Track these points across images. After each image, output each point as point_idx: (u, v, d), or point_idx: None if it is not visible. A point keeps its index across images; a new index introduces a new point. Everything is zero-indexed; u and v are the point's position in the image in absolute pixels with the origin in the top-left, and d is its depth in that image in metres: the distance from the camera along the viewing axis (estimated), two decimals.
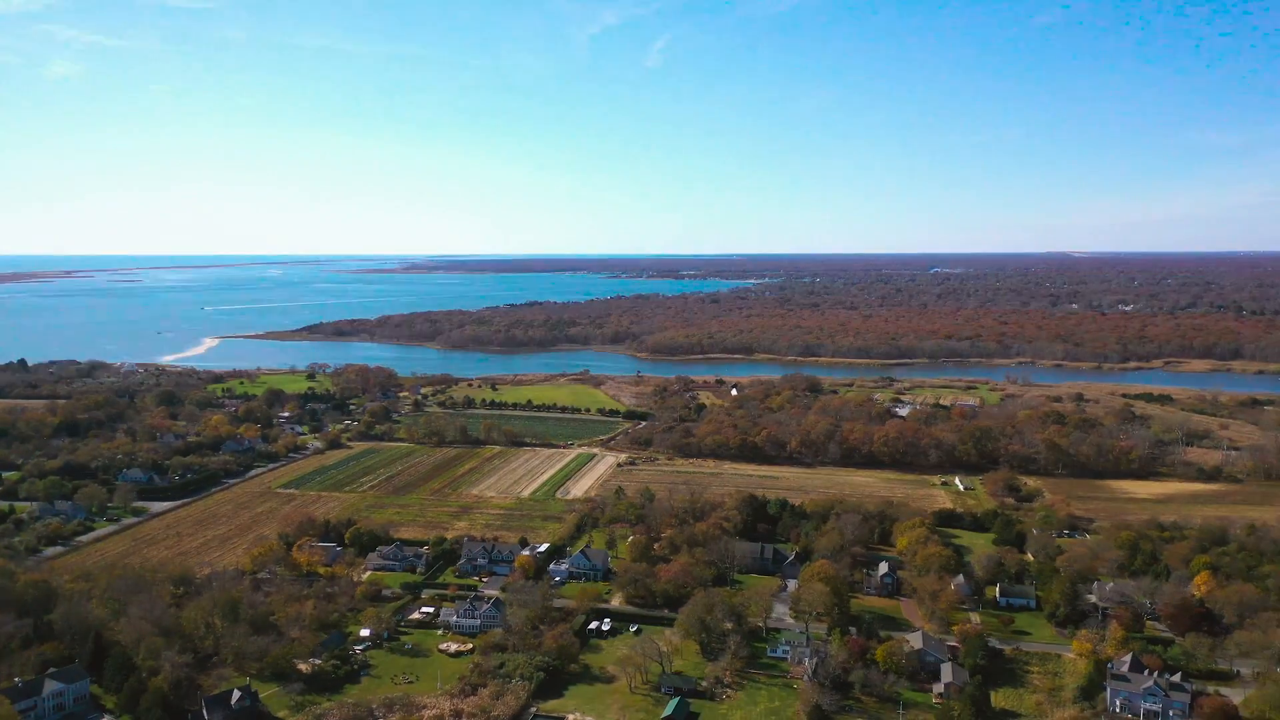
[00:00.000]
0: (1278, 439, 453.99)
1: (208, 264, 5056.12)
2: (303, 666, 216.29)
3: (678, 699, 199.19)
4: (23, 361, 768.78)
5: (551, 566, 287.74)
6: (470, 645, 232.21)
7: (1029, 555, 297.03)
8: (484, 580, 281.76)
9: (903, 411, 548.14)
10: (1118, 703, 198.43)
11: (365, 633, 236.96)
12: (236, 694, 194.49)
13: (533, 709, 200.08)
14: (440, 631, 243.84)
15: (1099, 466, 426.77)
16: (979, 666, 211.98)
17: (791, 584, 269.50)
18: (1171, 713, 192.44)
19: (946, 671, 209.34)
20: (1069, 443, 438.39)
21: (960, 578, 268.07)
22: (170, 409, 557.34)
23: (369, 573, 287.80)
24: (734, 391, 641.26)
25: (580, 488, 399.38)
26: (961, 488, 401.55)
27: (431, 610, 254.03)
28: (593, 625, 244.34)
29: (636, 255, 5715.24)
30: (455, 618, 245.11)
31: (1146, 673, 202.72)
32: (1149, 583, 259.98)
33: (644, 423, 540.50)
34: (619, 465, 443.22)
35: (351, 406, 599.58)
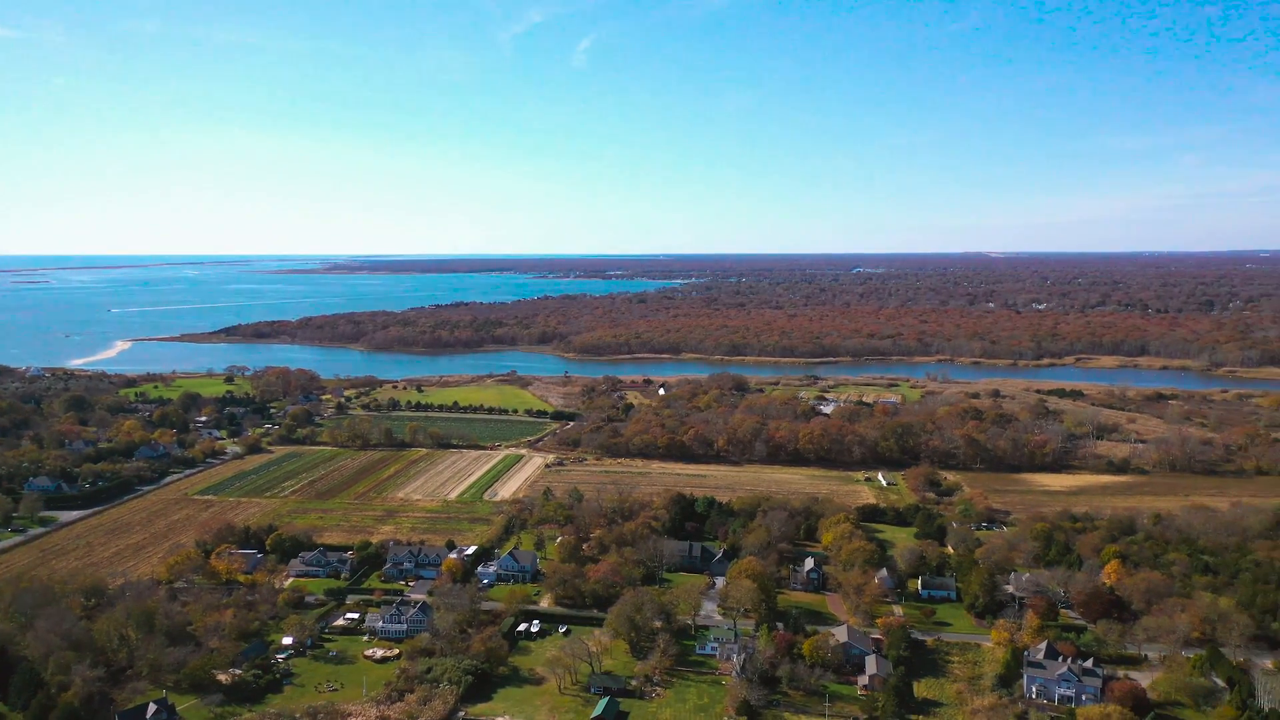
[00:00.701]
0: (1181, 432, 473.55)
1: (120, 264, 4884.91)
2: (222, 677, 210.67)
3: (607, 699, 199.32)
4: None
5: (479, 569, 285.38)
6: (397, 650, 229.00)
7: (949, 548, 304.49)
8: (410, 584, 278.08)
9: (827, 409, 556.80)
10: (1034, 689, 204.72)
11: (288, 641, 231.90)
12: (152, 707, 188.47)
13: (461, 713, 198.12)
14: (366, 637, 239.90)
15: (1015, 460, 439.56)
16: (902, 658, 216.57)
17: (720, 581, 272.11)
18: (1084, 697, 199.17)
19: (871, 663, 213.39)
20: (986, 438, 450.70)
21: (884, 571, 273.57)
22: (80, 414, 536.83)
23: (291, 579, 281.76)
24: (661, 391, 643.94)
25: (508, 489, 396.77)
26: (884, 483, 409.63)
27: (356, 616, 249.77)
28: (521, 627, 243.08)
29: (564, 255, 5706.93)
30: (381, 623, 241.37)
31: (1061, 659, 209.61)
32: (1063, 572, 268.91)
33: (572, 423, 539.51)
34: (547, 466, 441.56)
35: (272, 410, 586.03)
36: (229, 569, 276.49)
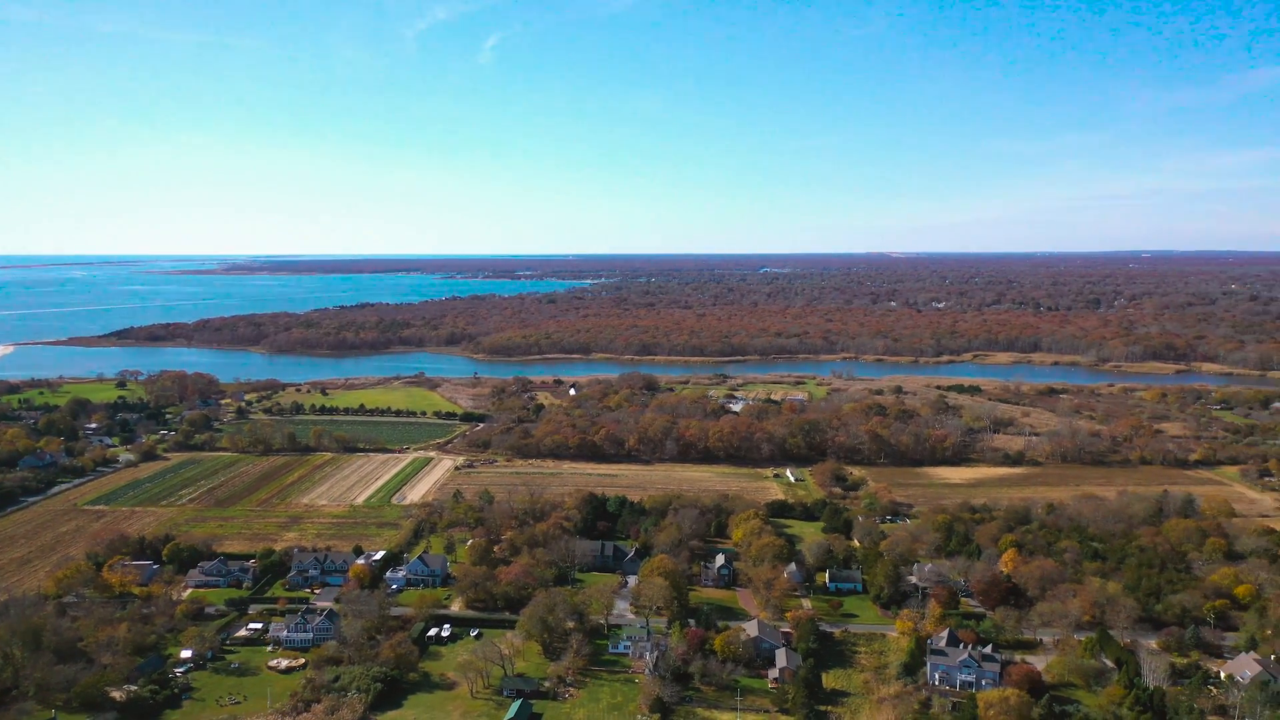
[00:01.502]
0: (1071, 425, 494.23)
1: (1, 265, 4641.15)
2: (116, 694, 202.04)
3: (520, 701, 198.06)
4: None
5: (388, 574, 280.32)
6: (302, 660, 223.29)
7: (856, 541, 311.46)
8: (316, 592, 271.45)
9: (736, 407, 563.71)
10: (937, 676, 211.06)
11: (186, 654, 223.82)
12: None
13: None
14: (270, 648, 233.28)
15: (917, 454, 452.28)
16: (811, 650, 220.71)
17: (632, 580, 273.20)
18: (984, 682, 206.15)
19: (781, 657, 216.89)
20: (890, 433, 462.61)
21: (793, 566, 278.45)
22: None
23: (190, 590, 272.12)
24: (572, 391, 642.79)
25: (417, 492, 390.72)
26: (792, 479, 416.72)
27: (260, 626, 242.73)
28: (432, 632, 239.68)
29: (472, 256, 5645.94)
30: (285, 632, 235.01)
31: (962, 647, 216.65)
32: (963, 562, 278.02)
33: (482, 424, 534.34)
34: (457, 468, 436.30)
35: (168, 416, 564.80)
36: (123, 581, 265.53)
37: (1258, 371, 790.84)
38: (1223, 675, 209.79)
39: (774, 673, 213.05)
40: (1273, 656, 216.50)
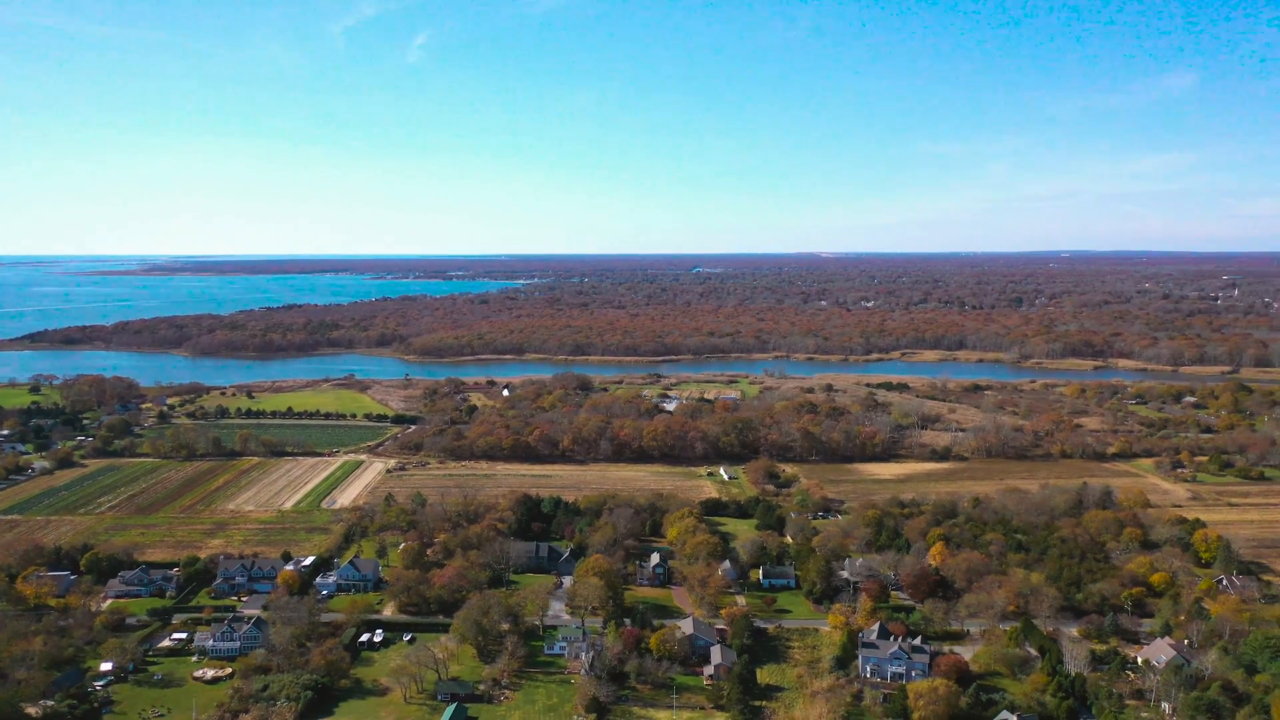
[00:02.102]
0: (996, 421, 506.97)
1: None
2: (31, 710, 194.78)
3: (454, 705, 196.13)
4: None
5: (318, 580, 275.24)
6: (230, 670, 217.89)
7: (788, 538, 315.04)
8: (244, 600, 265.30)
9: (670, 407, 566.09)
10: (869, 669, 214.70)
11: (106, 666, 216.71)
12: None
13: None
14: (195, 658, 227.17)
15: (848, 451, 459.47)
16: (746, 646, 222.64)
17: (567, 580, 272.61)
18: (914, 673, 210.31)
19: (716, 653, 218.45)
20: (821, 430, 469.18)
21: (727, 563, 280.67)
22: None
23: (110, 601, 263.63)
24: (506, 392, 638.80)
25: (347, 496, 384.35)
26: (726, 477, 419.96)
27: (184, 636, 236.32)
28: (364, 637, 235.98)
29: (403, 256, 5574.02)
30: (211, 642, 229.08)
31: (892, 639, 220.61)
32: (893, 556, 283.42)
33: (414, 426, 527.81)
34: (388, 471, 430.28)
35: (85, 421, 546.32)
36: (38, 593, 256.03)
37: (1170, 367, 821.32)
38: (1139, 660, 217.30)
39: (709, 670, 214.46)
40: (1186, 641, 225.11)
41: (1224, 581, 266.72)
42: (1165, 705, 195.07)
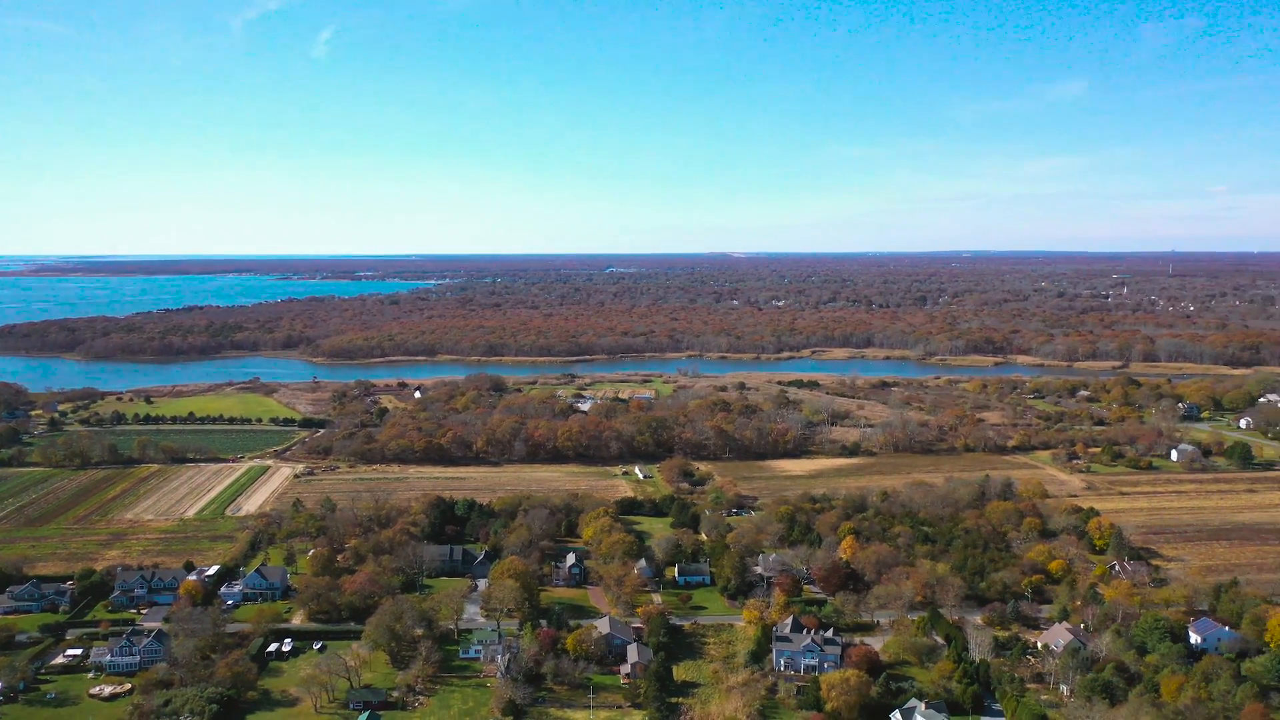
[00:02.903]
0: (902, 416, 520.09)
1: None
2: None
3: (367, 713, 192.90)
4: None
5: (223, 590, 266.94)
6: (129, 686, 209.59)
7: (703, 535, 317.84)
8: (143, 612, 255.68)
9: (585, 406, 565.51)
10: (783, 662, 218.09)
11: None
12: None
13: None
14: (91, 674, 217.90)
15: (760, 448, 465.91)
16: (662, 644, 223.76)
17: (482, 583, 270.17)
18: (826, 665, 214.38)
19: (632, 652, 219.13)
20: (734, 428, 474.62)
21: (642, 562, 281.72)
22: None
23: None
24: (417, 394, 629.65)
25: (253, 503, 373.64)
26: (641, 476, 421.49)
27: (79, 652, 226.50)
28: (272, 648, 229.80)
29: (309, 256, 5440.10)
30: (109, 657, 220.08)
31: (805, 632, 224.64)
32: (805, 550, 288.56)
33: (323, 430, 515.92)
34: (296, 476, 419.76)
35: None
36: None
37: (1065, 363, 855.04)
38: (1039, 645, 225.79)
39: (626, 668, 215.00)
40: (1082, 625, 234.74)
41: (1116, 567, 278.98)
42: (1064, 687, 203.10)
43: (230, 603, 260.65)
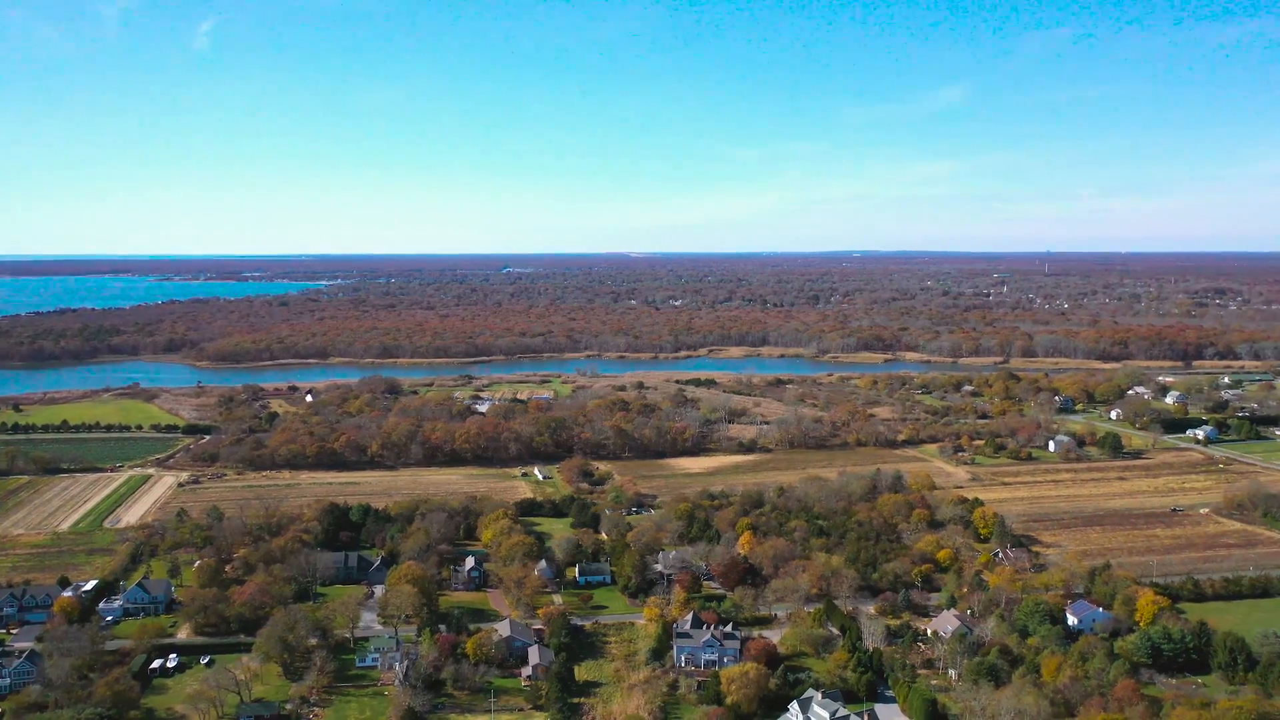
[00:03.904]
0: (797, 413, 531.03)
1: None
2: None
3: None
4: None
5: (101, 605, 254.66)
6: None
7: (604, 534, 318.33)
8: (14, 632, 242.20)
9: (483, 408, 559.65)
10: (683, 658, 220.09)
11: None
12: None
13: None
14: None
15: (659, 447, 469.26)
16: (563, 644, 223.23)
17: (379, 590, 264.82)
18: (726, 659, 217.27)
19: (534, 654, 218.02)
20: (633, 427, 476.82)
21: (543, 563, 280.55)
22: None
23: None
24: (309, 398, 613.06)
25: (134, 514, 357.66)
26: (541, 477, 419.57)
27: None
28: (156, 664, 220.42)
29: (190, 256, 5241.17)
30: None
31: (705, 628, 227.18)
32: (704, 547, 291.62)
33: (208, 437, 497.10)
34: (180, 485, 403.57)
35: None
36: None
37: (950, 359, 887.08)
38: (929, 632, 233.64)
39: (527, 670, 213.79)
40: (969, 611, 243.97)
41: (1000, 555, 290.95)
42: (952, 672, 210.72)
43: (110, 619, 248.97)
